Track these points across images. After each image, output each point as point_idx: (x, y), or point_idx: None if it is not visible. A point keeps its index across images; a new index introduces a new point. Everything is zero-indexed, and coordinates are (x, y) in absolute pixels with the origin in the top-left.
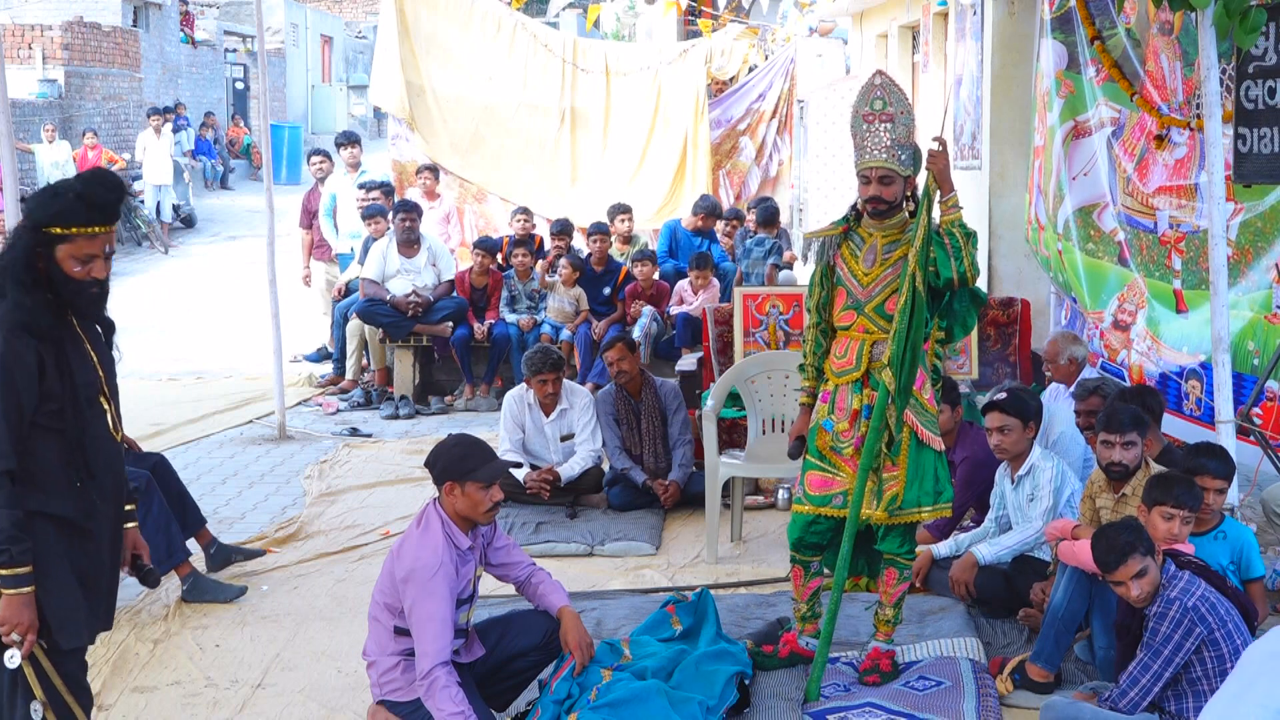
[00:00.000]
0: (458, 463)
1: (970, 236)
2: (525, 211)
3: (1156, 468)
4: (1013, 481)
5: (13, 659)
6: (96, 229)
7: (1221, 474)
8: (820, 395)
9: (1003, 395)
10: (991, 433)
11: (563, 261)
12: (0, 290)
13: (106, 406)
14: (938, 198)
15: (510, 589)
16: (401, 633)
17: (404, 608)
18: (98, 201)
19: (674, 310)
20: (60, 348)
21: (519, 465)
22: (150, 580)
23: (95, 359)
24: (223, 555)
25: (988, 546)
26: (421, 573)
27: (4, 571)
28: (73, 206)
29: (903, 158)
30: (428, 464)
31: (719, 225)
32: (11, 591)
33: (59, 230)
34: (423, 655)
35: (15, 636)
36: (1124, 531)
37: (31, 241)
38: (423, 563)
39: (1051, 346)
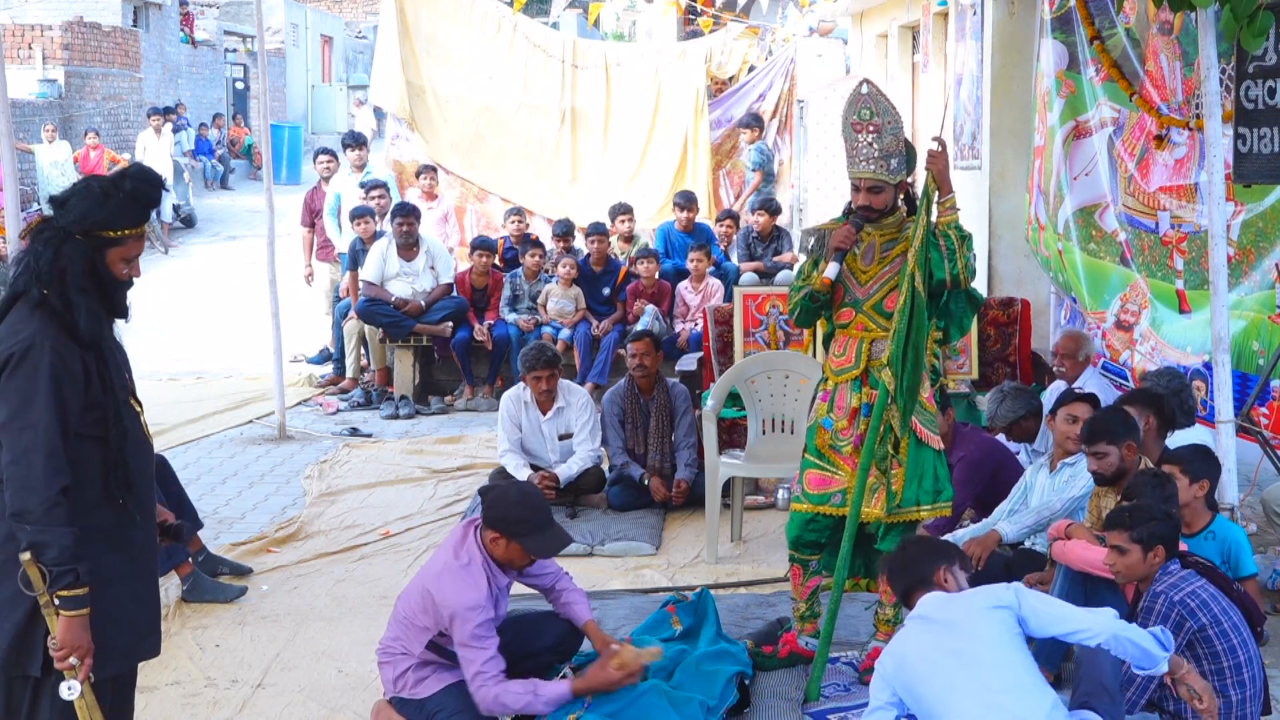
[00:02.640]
0: (515, 523)
1: (966, 239)
2: (519, 212)
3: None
4: (1053, 469)
5: (71, 690)
6: (141, 229)
7: (1189, 473)
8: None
9: (1082, 388)
10: (1076, 420)
11: (565, 261)
12: (37, 299)
13: (139, 409)
14: (936, 198)
15: (521, 590)
16: (435, 646)
17: (452, 638)
18: (147, 200)
19: (683, 326)
20: (100, 353)
21: (569, 542)
22: (181, 535)
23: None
24: (210, 565)
25: (1008, 524)
26: (467, 614)
27: (66, 593)
28: (127, 208)
29: (892, 165)
30: (485, 500)
31: (717, 228)
32: (71, 613)
33: (112, 233)
34: (469, 670)
35: (73, 661)
36: (1133, 509)
37: (86, 246)
38: (467, 603)
39: (1071, 342)
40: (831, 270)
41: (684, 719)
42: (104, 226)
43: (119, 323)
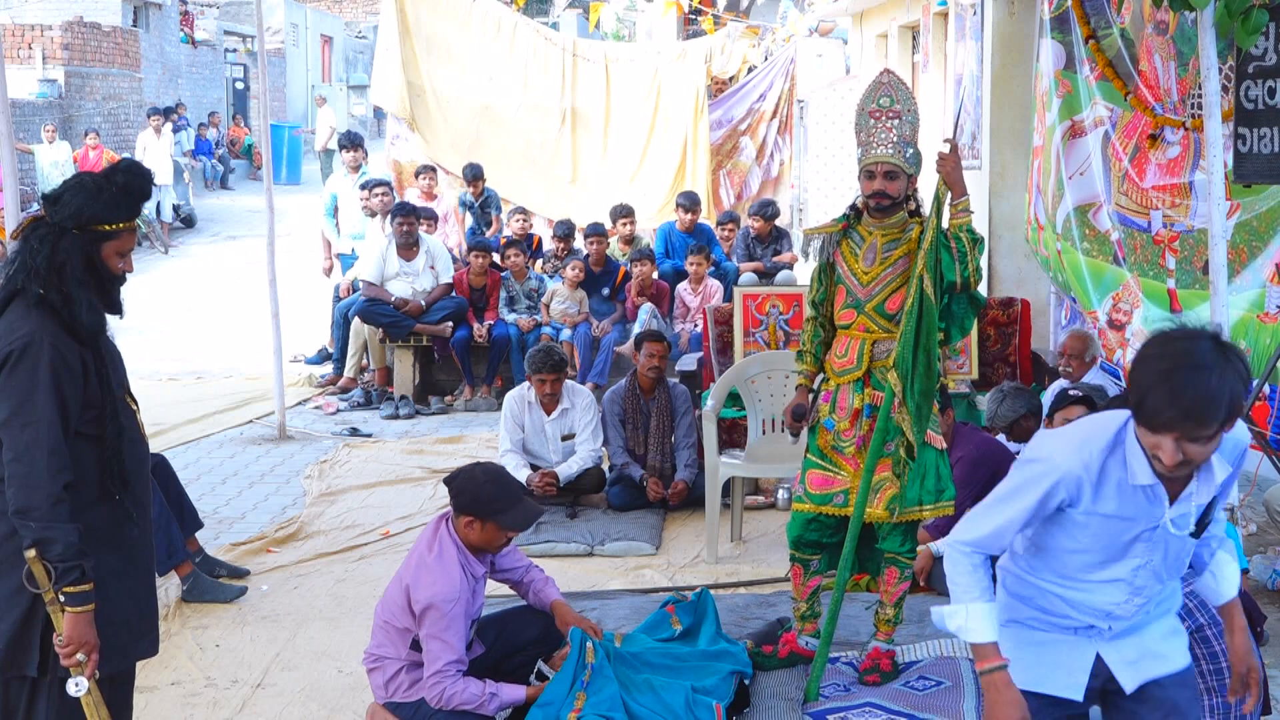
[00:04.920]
0: (487, 503)
1: (977, 241)
2: (523, 211)
3: None
4: None
5: (79, 686)
6: (134, 222)
7: None
8: (821, 394)
9: (1080, 392)
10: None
11: (573, 263)
12: (36, 297)
13: (135, 406)
14: (948, 200)
15: (504, 589)
16: (419, 646)
17: (420, 633)
18: (139, 193)
19: (682, 326)
20: (97, 350)
21: (541, 514)
22: None
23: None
24: (208, 567)
25: None
26: (442, 605)
27: (71, 589)
28: (120, 201)
29: (908, 154)
30: (451, 487)
31: (717, 229)
32: (77, 610)
33: (108, 227)
34: (432, 667)
35: (80, 657)
36: None
37: (83, 241)
38: (441, 595)
39: (1078, 342)
40: (794, 427)
41: (670, 704)
42: (99, 220)
43: (113, 319)
